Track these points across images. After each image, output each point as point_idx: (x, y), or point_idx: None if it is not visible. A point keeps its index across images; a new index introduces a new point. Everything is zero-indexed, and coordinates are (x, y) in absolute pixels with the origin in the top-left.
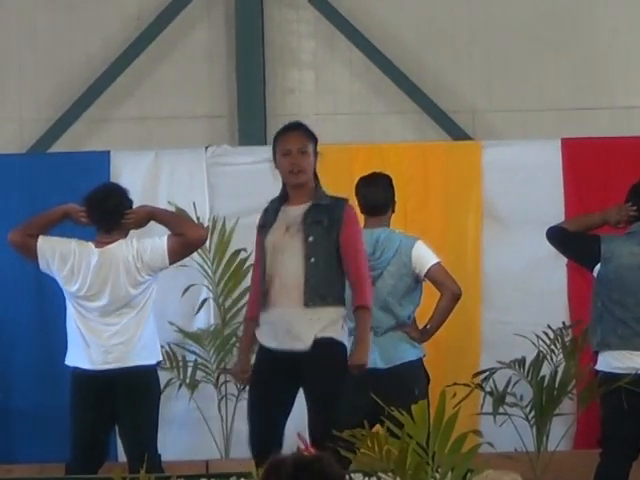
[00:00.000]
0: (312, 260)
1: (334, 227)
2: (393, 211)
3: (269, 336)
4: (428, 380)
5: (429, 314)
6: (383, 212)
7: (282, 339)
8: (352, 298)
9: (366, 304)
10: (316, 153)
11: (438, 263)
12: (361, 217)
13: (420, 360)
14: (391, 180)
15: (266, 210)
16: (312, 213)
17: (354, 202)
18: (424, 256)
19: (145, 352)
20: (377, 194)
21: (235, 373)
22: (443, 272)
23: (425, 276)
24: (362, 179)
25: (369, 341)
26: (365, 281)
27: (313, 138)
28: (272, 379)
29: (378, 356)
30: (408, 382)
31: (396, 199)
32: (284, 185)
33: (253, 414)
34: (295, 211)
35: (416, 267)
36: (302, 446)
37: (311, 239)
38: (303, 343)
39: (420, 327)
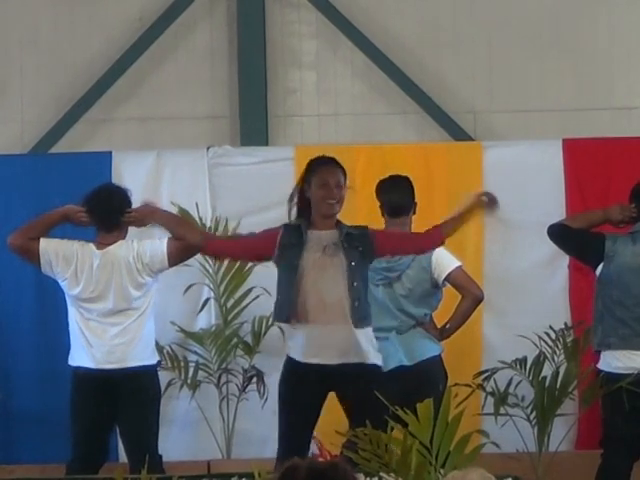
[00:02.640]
0: (355, 284)
1: (369, 253)
2: (414, 212)
3: (310, 351)
4: (446, 376)
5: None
6: (405, 214)
7: (330, 354)
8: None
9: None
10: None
11: (459, 267)
12: (381, 221)
13: (440, 356)
14: (411, 182)
15: (287, 230)
16: (348, 239)
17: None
18: (444, 261)
19: (146, 352)
20: (399, 196)
21: None
22: (464, 276)
23: (446, 280)
24: (383, 182)
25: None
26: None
27: (345, 173)
28: (311, 396)
29: (403, 354)
30: (433, 378)
31: (416, 200)
32: (307, 211)
33: (292, 432)
34: (327, 235)
35: (435, 272)
36: (317, 450)
37: (353, 264)
38: (359, 357)
39: (439, 326)
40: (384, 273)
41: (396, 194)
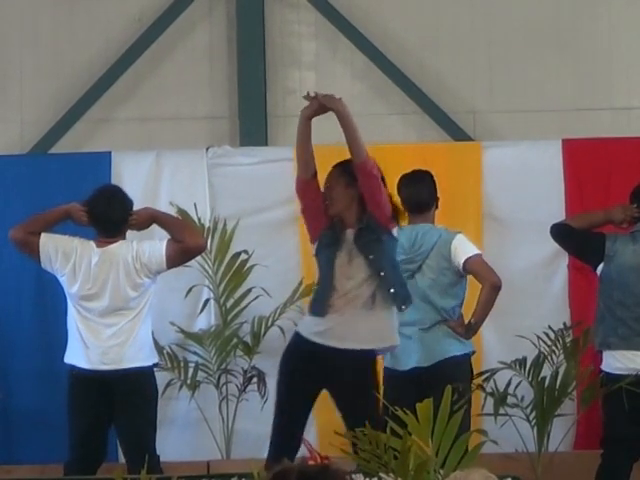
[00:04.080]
0: (382, 274)
1: (380, 229)
2: (437, 207)
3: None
4: (470, 377)
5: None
6: (427, 209)
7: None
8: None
9: None
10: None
11: (477, 255)
12: (405, 215)
13: (466, 356)
14: (433, 176)
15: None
16: (360, 236)
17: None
18: (463, 248)
19: (141, 354)
20: (421, 191)
21: None
22: (481, 263)
23: (463, 269)
24: (404, 177)
25: None
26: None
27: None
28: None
29: (422, 355)
30: (447, 378)
31: (439, 195)
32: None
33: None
34: (350, 234)
35: (454, 260)
36: (307, 452)
37: (371, 257)
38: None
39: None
40: (404, 266)
41: (416, 190)
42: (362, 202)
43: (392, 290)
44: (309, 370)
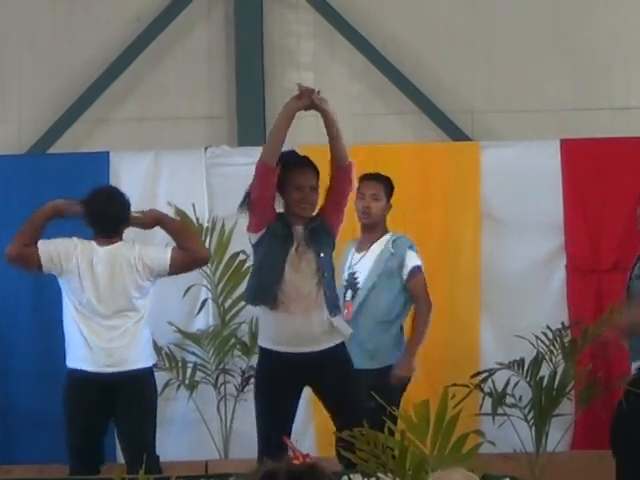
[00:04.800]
0: (325, 275)
1: (328, 234)
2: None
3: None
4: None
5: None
6: None
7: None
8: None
9: None
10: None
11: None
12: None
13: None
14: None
15: (280, 217)
16: (312, 234)
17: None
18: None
19: (144, 355)
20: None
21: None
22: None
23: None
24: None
25: None
26: None
27: (318, 174)
28: (289, 384)
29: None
30: None
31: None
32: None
33: (269, 421)
34: (300, 230)
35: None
36: (291, 452)
37: (322, 255)
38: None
39: None
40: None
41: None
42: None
43: (327, 294)
44: (289, 378)
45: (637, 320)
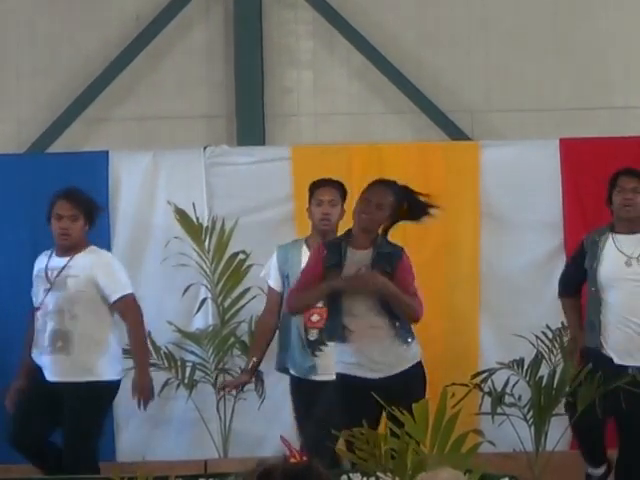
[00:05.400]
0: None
1: (392, 275)
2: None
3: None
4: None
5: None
6: None
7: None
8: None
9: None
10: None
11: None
12: None
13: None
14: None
15: (329, 249)
16: (378, 259)
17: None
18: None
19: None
20: None
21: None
22: None
23: None
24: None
25: None
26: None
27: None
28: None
29: None
30: None
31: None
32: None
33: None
34: (362, 255)
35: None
36: (287, 451)
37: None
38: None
39: None
40: None
41: None
42: None
43: None
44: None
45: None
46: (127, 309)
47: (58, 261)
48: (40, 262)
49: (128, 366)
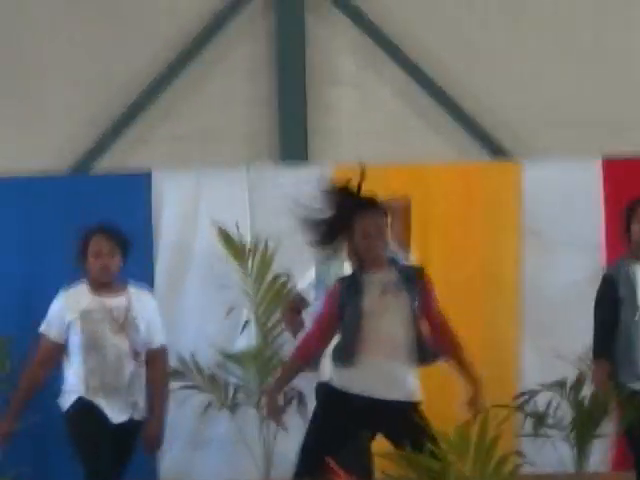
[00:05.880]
0: (418, 324)
1: (419, 294)
2: None
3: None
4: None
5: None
6: None
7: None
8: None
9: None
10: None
11: None
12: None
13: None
14: None
15: (344, 284)
16: (406, 277)
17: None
18: None
19: None
20: None
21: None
22: None
23: None
24: None
25: None
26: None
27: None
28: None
29: None
30: None
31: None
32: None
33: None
34: (383, 275)
35: None
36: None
37: (416, 303)
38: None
39: None
40: None
41: None
42: None
43: None
44: None
45: None
46: (163, 357)
47: (115, 301)
48: (74, 298)
49: None
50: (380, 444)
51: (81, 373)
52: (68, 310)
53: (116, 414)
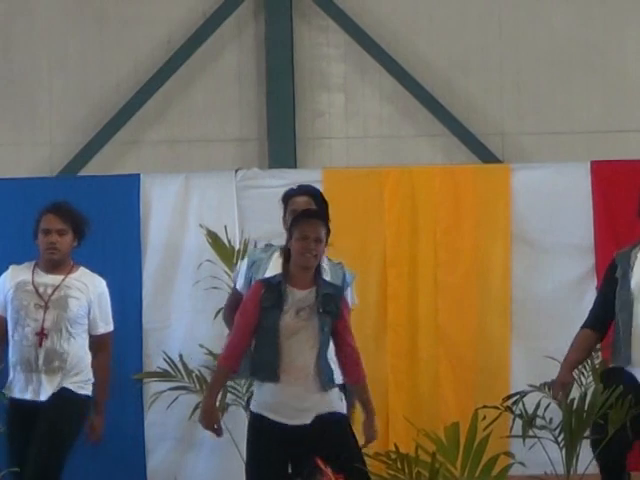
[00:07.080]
0: (323, 350)
1: (336, 316)
2: None
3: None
4: None
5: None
6: None
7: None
8: (351, 374)
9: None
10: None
11: None
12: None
13: None
14: None
15: (267, 289)
16: (324, 302)
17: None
18: None
19: None
20: None
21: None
22: None
23: None
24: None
25: None
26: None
27: (327, 227)
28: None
29: None
30: None
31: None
32: (287, 264)
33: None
34: (303, 296)
35: None
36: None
37: (325, 329)
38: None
39: None
40: None
41: None
42: None
43: None
44: None
45: None
46: (107, 345)
47: (50, 278)
48: (18, 275)
49: None
50: (375, 445)
51: (12, 347)
52: (7, 282)
53: (30, 393)
